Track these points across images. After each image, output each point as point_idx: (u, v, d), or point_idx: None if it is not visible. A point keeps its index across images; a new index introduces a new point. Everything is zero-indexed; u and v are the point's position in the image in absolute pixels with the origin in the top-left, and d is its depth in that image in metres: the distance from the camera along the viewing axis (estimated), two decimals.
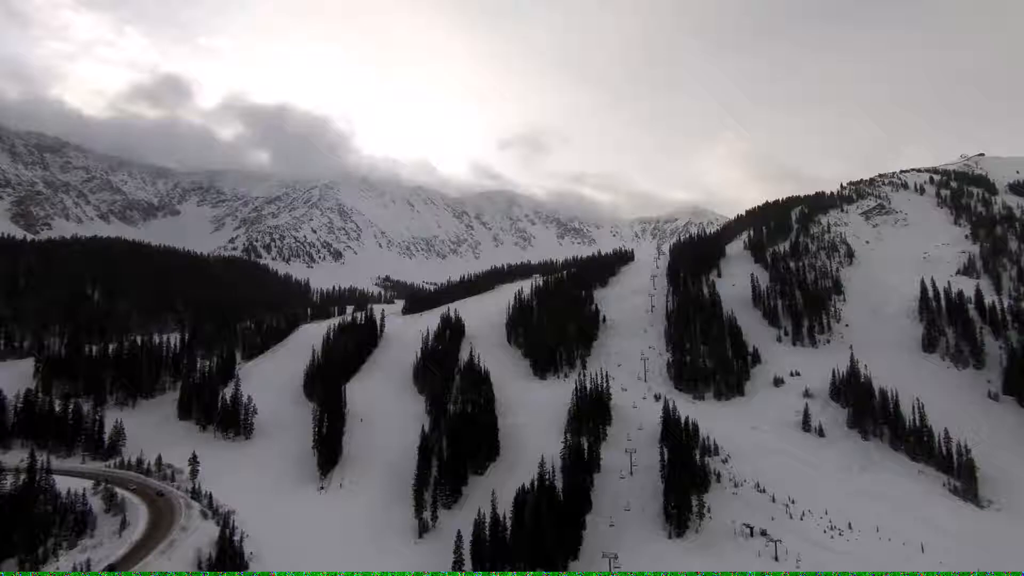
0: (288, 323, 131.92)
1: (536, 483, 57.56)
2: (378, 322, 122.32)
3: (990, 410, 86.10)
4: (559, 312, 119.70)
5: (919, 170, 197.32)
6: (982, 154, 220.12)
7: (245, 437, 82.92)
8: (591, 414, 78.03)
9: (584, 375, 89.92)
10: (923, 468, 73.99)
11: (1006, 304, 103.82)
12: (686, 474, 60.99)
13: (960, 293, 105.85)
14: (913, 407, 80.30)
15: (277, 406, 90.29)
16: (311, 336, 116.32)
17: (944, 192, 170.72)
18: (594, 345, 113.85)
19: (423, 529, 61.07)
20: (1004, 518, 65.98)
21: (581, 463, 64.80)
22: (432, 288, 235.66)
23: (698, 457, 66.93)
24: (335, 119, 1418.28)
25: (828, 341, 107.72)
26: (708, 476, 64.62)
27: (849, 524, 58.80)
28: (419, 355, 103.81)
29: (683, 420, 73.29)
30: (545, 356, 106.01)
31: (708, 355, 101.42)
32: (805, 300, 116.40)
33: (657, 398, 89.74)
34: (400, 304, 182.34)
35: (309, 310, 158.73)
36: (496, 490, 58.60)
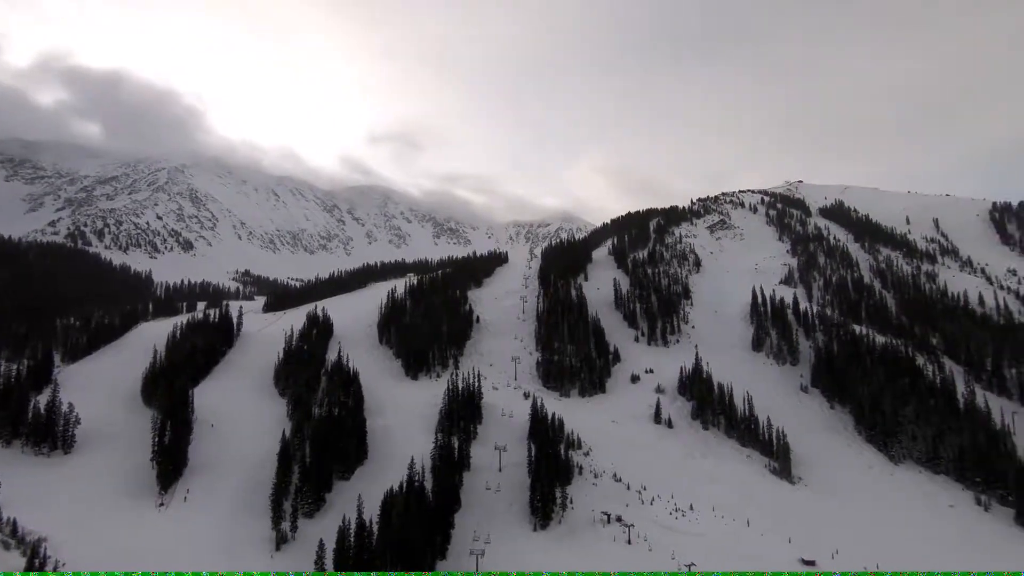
0: (124, 320, 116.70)
1: (405, 485, 56.64)
2: (235, 320, 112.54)
3: (801, 400, 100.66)
4: (433, 312, 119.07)
5: (753, 191, 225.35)
6: (800, 181, 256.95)
7: (64, 451, 71.53)
8: (462, 413, 78.57)
9: (457, 375, 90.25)
10: (750, 452, 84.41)
11: (815, 310, 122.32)
12: (551, 468, 63.73)
13: (782, 300, 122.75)
14: (744, 399, 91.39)
15: (107, 414, 79.22)
16: (152, 335, 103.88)
17: (772, 212, 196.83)
18: (467, 345, 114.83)
19: (281, 540, 57.24)
20: (810, 492, 77.49)
21: (451, 462, 64.97)
22: (298, 285, 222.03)
23: (563, 451, 70.28)
24: (183, 94, 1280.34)
25: (678, 341, 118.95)
26: (571, 469, 68.13)
27: (691, 505, 65.31)
28: (281, 355, 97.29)
29: (550, 417, 76.52)
30: (418, 356, 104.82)
31: (574, 354, 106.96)
32: (660, 304, 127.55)
33: (526, 396, 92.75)
34: (261, 301, 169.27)
35: (151, 306, 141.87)
36: (363, 495, 56.63)
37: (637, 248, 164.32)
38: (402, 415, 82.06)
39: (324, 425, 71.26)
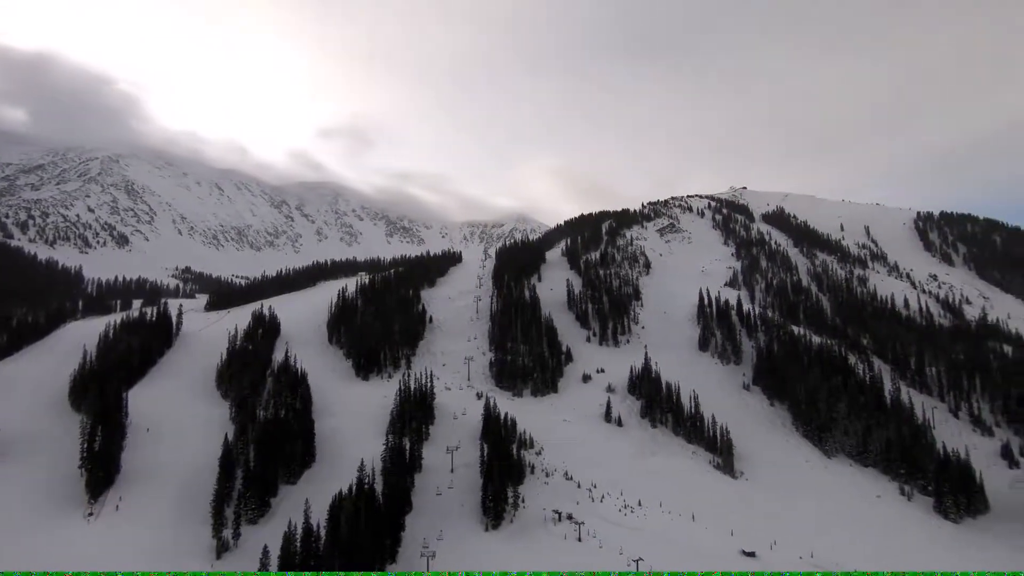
0: (50, 319, 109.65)
1: (355, 487, 55.51)
2: (174, 319, 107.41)
3: (744, 398, 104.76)
4: (386, 311, 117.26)
5: (700, 196, 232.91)
6: (745, 187, 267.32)
7: None
8: (414, 414, 77.71)
9: (409, 375, 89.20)
10: (696, 449, 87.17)
11: (757, 311, 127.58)
12: (504, 468, 63.87)
13: (727, 301, 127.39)
14: (690, 397, 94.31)
15: (28, 419, 74.14)
16: (82, 335, 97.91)
17: (718, 217, 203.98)
18: (420, 345, 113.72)
19: (223, 548, 55.04)
20: (751, 486, 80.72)
21: (403, 464, 64.16)
22: (244, 283, 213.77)
23: (515, 451, 70.59)
24: (119, 80, 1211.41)
25: (628, 341, 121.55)
26: (524, 468, 68.50)
27: (639, 502, 66.83)
28: (225, 356, 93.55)
29: (503, 417, 76.72)
30: (369, 356, 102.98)
31: (527, 354, 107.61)
32: (611, 305, 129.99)
33: (479, 396, 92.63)
34: (203, 299, 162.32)
35: (81, 304, 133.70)
36: (311, 499, 55.16)
37: (590, 250, 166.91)
38: (352, 416, 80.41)
39: (270, 428, 69.00)
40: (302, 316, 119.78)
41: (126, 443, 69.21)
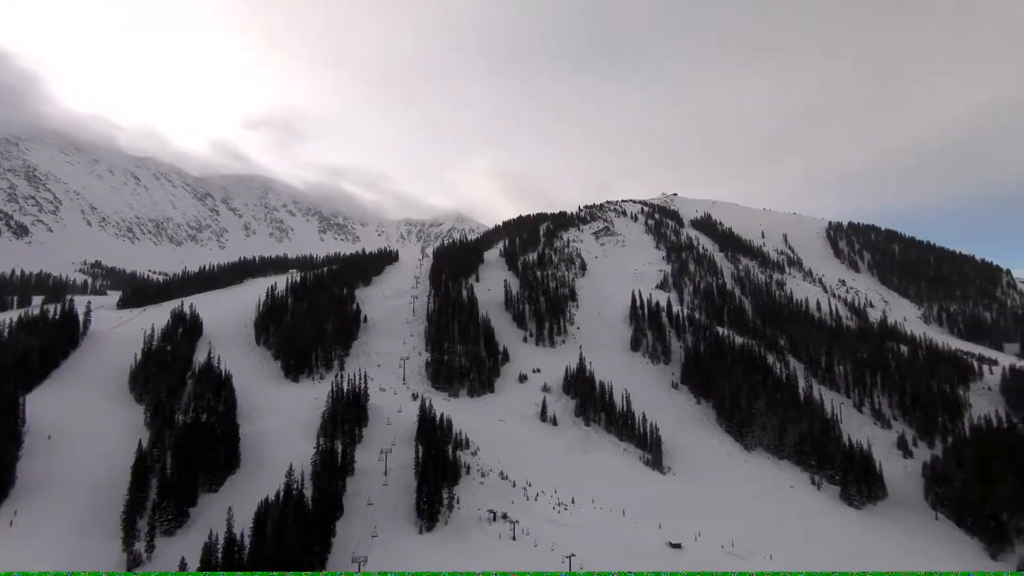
0: None
1: (283, 493, 53.34)
2: (80, 317, 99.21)
3: (672, 396, 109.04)
4: (317, 310, 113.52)
5: (634, 201, 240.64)
6: (675, 194, 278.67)
7: None
8: (347, 416, 75.64)
9: (342, 376, 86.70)
10: (627, 446, 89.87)
11: (685, 313, 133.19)
12: (439, 469, 63.37)
13: (657, 303, 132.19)
14: (622, 396, 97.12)
15: None
16: None
17: (650, 222, 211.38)
18: (354, 345, 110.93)
19: (135, 563, 51.34)
20: (678, 480, 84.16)
21: (334, 467, 62.29)
22: (162, 279, 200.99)
23: (451, 452, 70.18)
24: (18, 56, 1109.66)
25: (564, 341, 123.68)
26: (459, 469, 68.22)
27: (572, 499, 68.15)
28: (140, 357, 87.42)
29: (439, 417, 76.08)
30: (299, 357, 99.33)
31: (464, 355, 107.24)
32: (548, 305, 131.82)
33: (415, 397, 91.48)
34: (116, 296, 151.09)
35: None
36: (234, 507, 52.48)
37: (528, 251, 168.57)
38: (281, 420, 77.22)
39: (189, 433, 65.04)
40: (227, 315, 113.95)
41: (23, 452, 63.27)
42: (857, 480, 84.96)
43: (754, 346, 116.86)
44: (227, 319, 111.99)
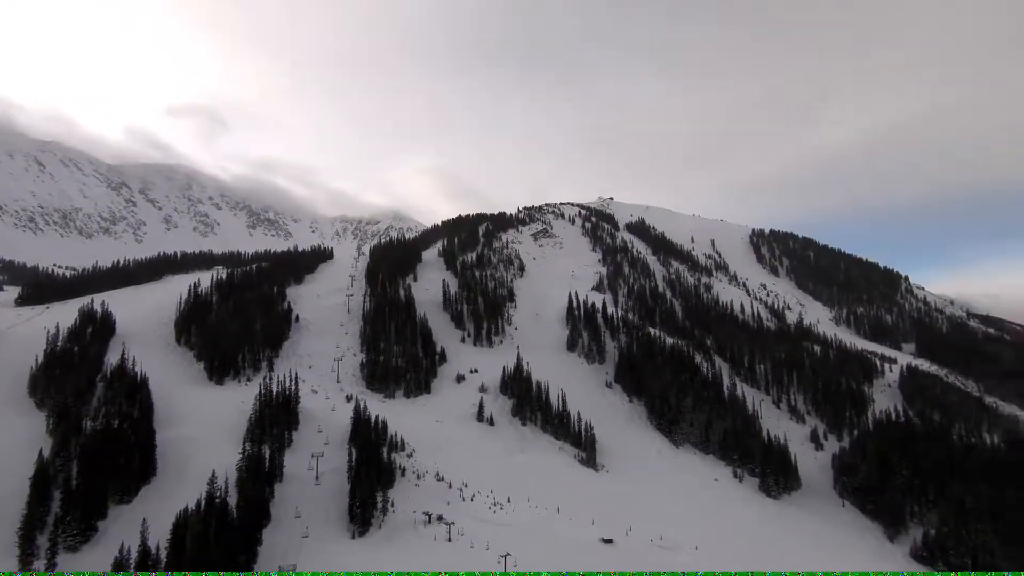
0: None
1: (204, 502, 50.49)
2: None
3: (606, 395, 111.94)
4: (245, 309, 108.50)
5: (572, 204, 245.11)
6: (612, 198, 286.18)
7: None
8: (276, 420, 72.66)
9: (271, 378, 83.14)
10: (563, 445, 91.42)
11: (620, 314, 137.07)
12: (373, 472, 62.06)
13: (593, 304, 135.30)
14: (558, 396, 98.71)
15: None
16: None
17: (587, 224, 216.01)
18: (284, 346, 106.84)
19: None
20: (611, 477, 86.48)
21: (261, 473, 59.64)
22: (69, 274, 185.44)
23: (386, 454, 68.89)
24: None
25: (502, 342, 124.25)
26: (394, 471, 67.07)
27: (509, 498, 68.54)
28: (42, 359, 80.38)
29: (373, 419, 74.51)
30: (225, 358, 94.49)
31: (401, 355, 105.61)
32: (486, 306, 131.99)
33: (349, 399, 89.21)
34: (15, 292, 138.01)
35: None
36: (149, 518, 49.17)
37: (467, 251, 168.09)
38: (203, 425, 73.08)
39: (99, 440, 60.35)
40: (144, 313, 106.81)
41: None
42: (775, 472, 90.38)
43: (683, 346, 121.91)
44: (144, 318, 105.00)
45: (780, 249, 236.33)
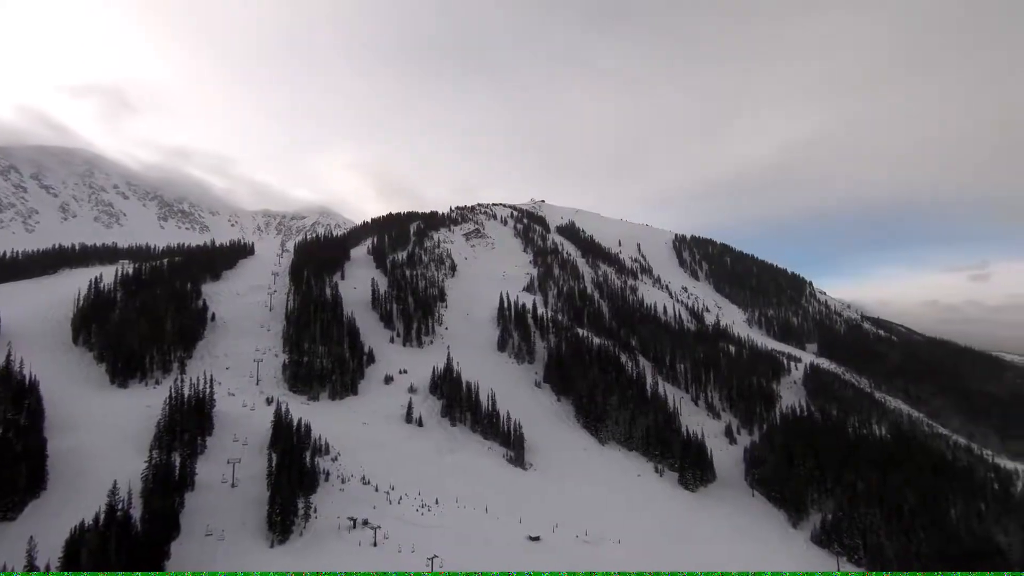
0: None
1: (103, 516, 46.59)
2: None
3: (535, 395, 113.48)
4: (155, 307, 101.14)
5: (504, 205, 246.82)
6: (543, 200, 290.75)
7: None
8: (188, 425, 68.23)
9: (183, 380, 77.90)
10: (492, 445, 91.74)
11: (549, 315, 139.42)
12: (294, 477, 59.68)
13: (524, 305, 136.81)
14: (488, 396, 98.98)
15: None
16: None
17: (519, 226, 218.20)
18: (198, 346, 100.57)
19: None
20: (539, 475, 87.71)
21: (170, 483, 55.79)
22: None
23: (308, 459, 66.46)
24: None
25: (432, 342, 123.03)
26: (317, 476, 64.83)
27: (436, 500, 67.98)
28: None
29: (295, 422, 71.66)
30: (130, 360, 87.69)
31: (326, 356, 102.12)
32: (416, 305, 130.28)
33: (269, 401, 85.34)
34: None
35: None
36: (38, 535, 44.78)
37: (397, 249, 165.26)
38: (104, 432, 67.38)
39: None
40: (36, 310, 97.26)
41: None
42: (692, 466, 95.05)
43: (609, 346, 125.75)
44: (35, 315, 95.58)
45: (700, 254, 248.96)
